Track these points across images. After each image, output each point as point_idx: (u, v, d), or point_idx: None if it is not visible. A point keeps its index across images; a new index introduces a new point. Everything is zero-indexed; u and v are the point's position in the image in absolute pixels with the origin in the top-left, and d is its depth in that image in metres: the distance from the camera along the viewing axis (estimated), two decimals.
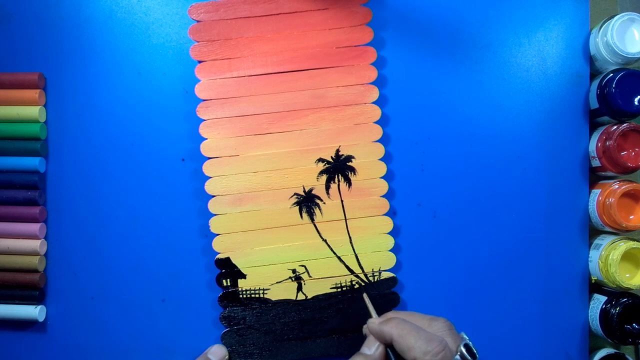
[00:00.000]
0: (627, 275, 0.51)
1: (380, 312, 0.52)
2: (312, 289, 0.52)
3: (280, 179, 0.52)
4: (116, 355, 0.53)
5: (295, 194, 0.52)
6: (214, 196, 0.52)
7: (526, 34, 0.53)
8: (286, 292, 0.52)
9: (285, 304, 0.51)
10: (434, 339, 0.39)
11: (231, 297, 0.51)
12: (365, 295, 0.50)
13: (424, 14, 0.53)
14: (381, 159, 0.52)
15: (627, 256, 0.50)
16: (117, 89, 0.53)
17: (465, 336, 0.41)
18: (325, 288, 0.52)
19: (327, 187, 0.52)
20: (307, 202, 0.52)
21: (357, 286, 0.52)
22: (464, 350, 0.39)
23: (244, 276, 0.51)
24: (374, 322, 0.44)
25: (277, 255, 0.52)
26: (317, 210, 0.52)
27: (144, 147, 0.53)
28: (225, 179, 0.52)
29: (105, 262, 0.53)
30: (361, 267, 0.52)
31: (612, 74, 0.50)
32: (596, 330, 0.51)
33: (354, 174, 0.52)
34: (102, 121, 0.53)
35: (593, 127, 0.53)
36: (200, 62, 0.52)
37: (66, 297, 0.53)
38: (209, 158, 0.52)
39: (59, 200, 0.53)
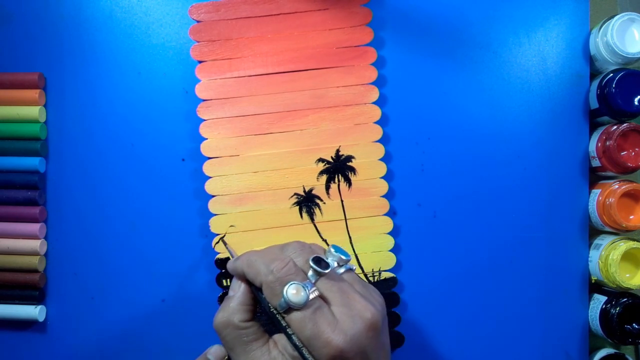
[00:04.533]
0: (627, 275, 0.51)
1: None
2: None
3: (280, 179, 0.52)
4: (116, 355, 0.53)
5: (295, 194, 0.52)
6: (214, 196, 0.52)
7: (526, 34, 0.53)
8: None
9: None
10: (277, 258, 0.38)
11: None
12: (224, 240, 0.48)
13: (424, 14, 0.53)
14: (381, 159, 0.52)
15: (627, 256, 0.50)
16: (117, 89, 0.53)
17: (329, 251, 0.39)
18: None
19: (327, 187, 0.52)
20: (307, 202, 0.52)
21: None
22: (312, 263, 0.37)
23: None
24: (230, 261, 0.42)
25: None
26: (317, 210, 0.52)
27: (144, 147, 0.53)
28: (226, 179, 0.52)
29: (106, 262, 0.53)
30: (361, 267, 0.52)
31: (612, 74, 0.50)
32: (596, 330, 0.51)
33: (354, 174, 0.52)
34: (102, 121, 0.53)
35: (593, 127, 0.53)
36: (200, 62, 0.52)
37: (66, 297, 0.53)
38: (209, 158, 0.52)
39: (59, 200, 0.53)
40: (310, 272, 0.37)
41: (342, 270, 0.39)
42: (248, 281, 0.39)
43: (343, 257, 0.39)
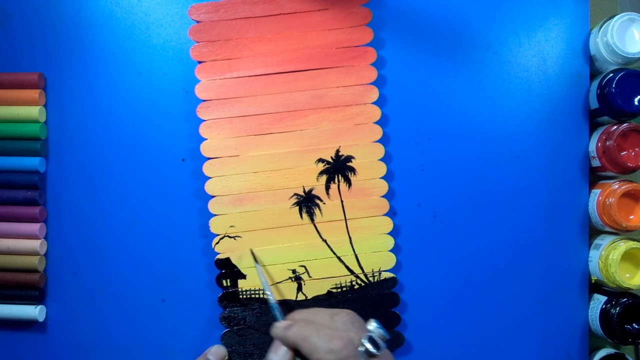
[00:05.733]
0: (627, 275, 0.51)
1: (380, 313, 0.52)
2: (312, 289, 0.52)
3: (280, 179, 0.52)
4: (116, 355, 0.53)
5: (295, 194, 0.52)
6: (214, 196, 0.52)
7: (526, 34, 0.53)
8: (286, 292, 0.52)
9: (285, 305, 0.51)
10: (335, 336, 0.38)
11: (231, 298, 0.51)
12: (255, 259, 0.49)
13: (424, 14, 0.53)
14: (381, 159, 0.52)
15: (627, 256, 0.50)
16: (117, 89, 0.53)
17: (372, 325, 0.40)
18: (325, 288, 0.52)
19: (327, 188, 0.52)
20: (307, 203, 0.52)
21: (357, 287, 0.52)
22: (366, 343, 0.38)
23: (244, 276, 0.51)
24: (279, 327, 0.42)
25: (277, 255, 0.52)
26: (317, 211, 0.52)
27: (144, 147, 0.53)
28: (226, 179, 0.52)
29: (105, 262, 0.53)
30: (361, 268, 0.52)
31: (612, 74, 0.50)
32: (596, 330, 0.51)
33: (354, 174, 0.52)
34: (102, 121, 0.53)
35: (593, 127, 0.53)
36: (200, 62, 0.52)
37: (66, 297, 0.53)
38: (209, 158, 0.52)
39: (59, 200, 0.53)
40: (361, 349, 0.38)
41: (384, 345, 0.40)
42: (293, 350, 0.41)
43: (384, 334, 0.39)
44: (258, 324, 0.51)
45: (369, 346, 0.38)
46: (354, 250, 0.52)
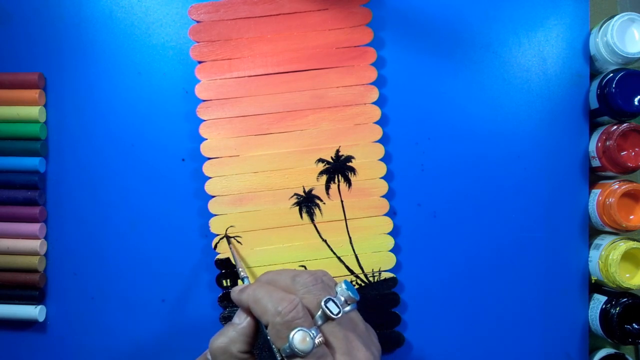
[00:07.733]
0: (627, 275, 0.51)
1: (380, 313, 0.52)
2: None
3: (280, 179, 0.52)
4: (116, 356, 0.53)
5: (295, 194, 0.52)
6: (214, 196, 0.52)
7: (526, 34, 0.53)
8: None
9: None
10: (284, 299, 0.36)
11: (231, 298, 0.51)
12: (230, 241, 0.49)
13: (424, 14, 0.53)
14: (381, 159, 0.52)
15: (627, 256, 0.50)
16: (117, 89, 0.53)
17: (341, 287, 0.38)
18: None
19: (327, 188, 0.52)
20: (307, 203, 0.52)
21: (357, 286, 0.52)
22: (325, 306, 0.36)
23: None
24: (235, 290, 0.40)
25: (277, 255, 0.52)
26: (317, 211, 0.52)
27: (144, 147, 0.53)
28: (226, 179, 0.52)
29: (106, 262, 0.53)
30: (361, 268, 0.52)
31: (612, 74, 0.50)
32: (596, 330, 0.51)
33: (354, 174, 0.52)
34: (102, 121, 0.53)
35: (593, 127, 0.53)
36: (200, 62, 0.52)
37: (66, 297, 0.53)
38: (209, 158, 0.52)
39: (59, 200, 0.53)
40: (319, 313, 0.36)
41: (348, 308, 0.38)
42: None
43: (352, 296, 0.38)
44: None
45: (326, 309, 0.36)
46: (354, 250, 0.52)
